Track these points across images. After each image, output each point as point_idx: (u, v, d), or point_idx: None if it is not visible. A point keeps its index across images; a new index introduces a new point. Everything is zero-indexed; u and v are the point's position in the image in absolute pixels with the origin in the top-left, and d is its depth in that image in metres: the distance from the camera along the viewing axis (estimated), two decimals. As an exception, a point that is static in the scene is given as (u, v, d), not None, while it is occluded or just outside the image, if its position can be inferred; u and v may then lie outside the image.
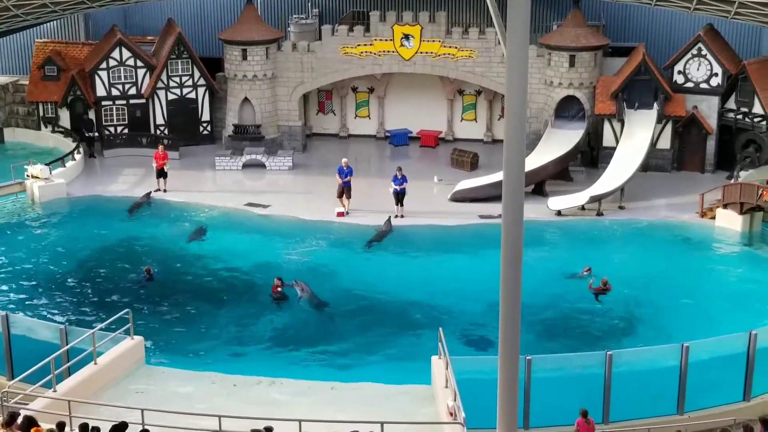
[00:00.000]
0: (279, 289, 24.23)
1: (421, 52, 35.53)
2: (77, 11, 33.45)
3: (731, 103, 33.07)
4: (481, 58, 35.28)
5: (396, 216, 29.49)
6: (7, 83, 37.82)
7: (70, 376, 17.66)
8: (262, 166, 34.69)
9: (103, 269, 26.55)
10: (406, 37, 35.34)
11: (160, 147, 32.44)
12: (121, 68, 36.24)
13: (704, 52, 32.99)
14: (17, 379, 17.05)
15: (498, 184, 28.85)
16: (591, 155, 34.30)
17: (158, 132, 36.69)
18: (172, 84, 36.62)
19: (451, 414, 15.88)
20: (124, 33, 36.57)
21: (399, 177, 29.66)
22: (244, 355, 21.83)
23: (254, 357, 21.78)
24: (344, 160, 30.53)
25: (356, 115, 38.59)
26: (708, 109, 33.21)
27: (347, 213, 29.89)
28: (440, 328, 18.03)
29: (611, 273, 25.27)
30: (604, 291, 24.33)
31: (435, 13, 35.74)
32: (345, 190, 30.06)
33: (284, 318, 23.78)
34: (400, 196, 29.70)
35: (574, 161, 33.39)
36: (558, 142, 32.61)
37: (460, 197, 31.27)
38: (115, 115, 36.64)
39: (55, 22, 38.98)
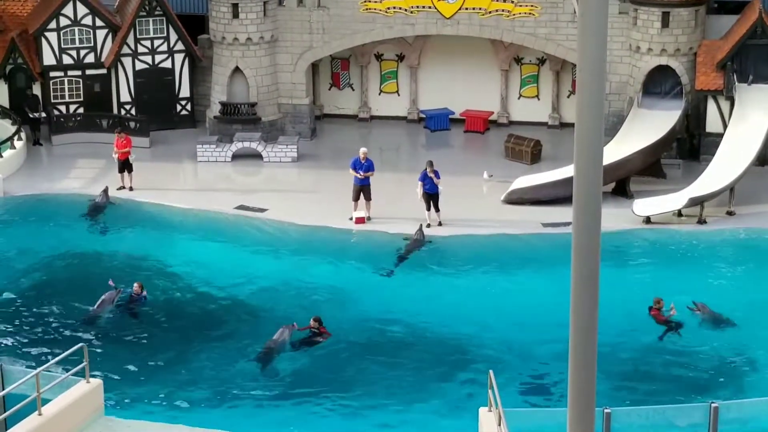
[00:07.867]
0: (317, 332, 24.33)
1: (467, 8, 35.56)
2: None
3: None
4: (545, 16, 35.26)
5: (428, 225, 29.44)
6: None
7: (6, 430, 17.75)
8: (258, 156, 34.85)
9: (51, 292, 26.71)
10: (447, -12, 35.47)
11: (122, 132, 32.59)
12: (75, 29, 36.51)
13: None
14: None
15: (567, 182, 28.80)
16: (690, 144, 34.17)
17: (123, 112, 36.94)
18: (141, 50, 36.86)
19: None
20: (79, -17, 36.93)
21: (429, 174, 29.50)
22: (235, 406, 21.86)
23: (248, 408, 21.79)
24: (362, 150, 30.55)
25: (381, 91, 38.68)
26: None
27: (369, 219, 29.94)
28: (490, 371, 18.01)
29: (715, 300, 25.19)
30: (664, 319, 24.30)
31: (485, -44, 35.90)
32: (363, 191, 30.07)
33: (285, 360, 23.81)
34: (432, 199, 29.64)
35: (668, 152, 33.29)
36: (647, 127, 32.52)
37: (516, 198, 31.26)
38: (67, 90, 36.91)
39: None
